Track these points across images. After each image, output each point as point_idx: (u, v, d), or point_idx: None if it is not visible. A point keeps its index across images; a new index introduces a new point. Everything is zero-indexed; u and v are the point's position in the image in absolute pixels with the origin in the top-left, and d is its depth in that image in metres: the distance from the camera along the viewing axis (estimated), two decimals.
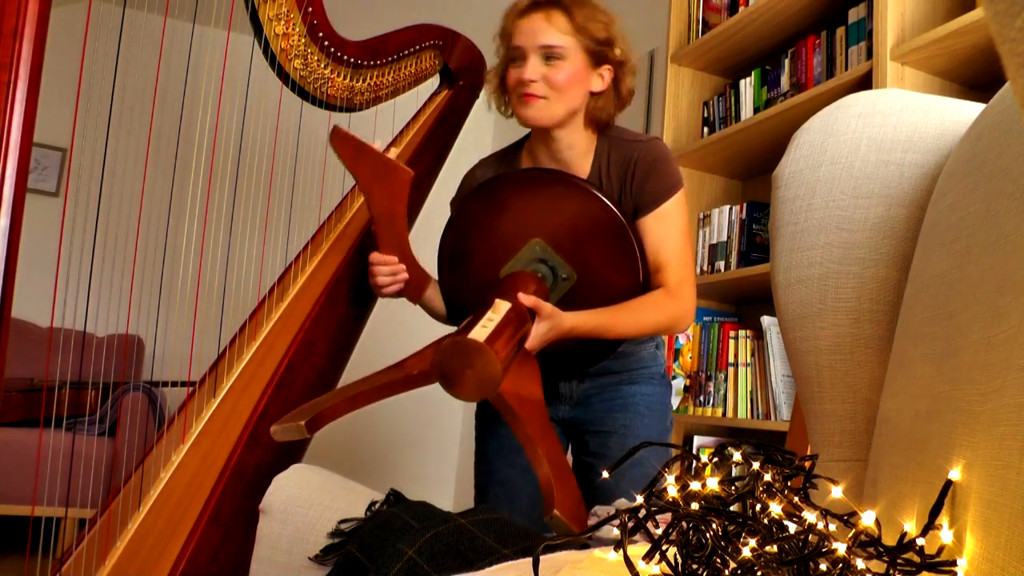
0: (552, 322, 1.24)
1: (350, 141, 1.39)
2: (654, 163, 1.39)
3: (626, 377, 1.50)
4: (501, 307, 1.15)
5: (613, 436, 1.48)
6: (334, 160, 2.17)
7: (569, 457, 1.53)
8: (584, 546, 0.81)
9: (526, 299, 1.22)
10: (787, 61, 2.30)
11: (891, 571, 0.43)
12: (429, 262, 1.66)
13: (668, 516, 0.45)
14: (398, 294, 1.53)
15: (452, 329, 1.18)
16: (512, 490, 1.50)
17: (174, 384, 3.19)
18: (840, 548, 0.41)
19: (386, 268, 1.47)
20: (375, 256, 1.47)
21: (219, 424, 1.51)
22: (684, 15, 2.66)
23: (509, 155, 1.56)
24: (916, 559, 0.44)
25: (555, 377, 1.51)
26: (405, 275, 1.49)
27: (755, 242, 2.32)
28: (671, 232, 1.39)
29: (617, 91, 1.42)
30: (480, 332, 1.08)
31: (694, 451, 2.25)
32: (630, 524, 0.46)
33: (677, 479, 0.48)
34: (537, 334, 1.23)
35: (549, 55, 1.34)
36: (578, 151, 1.43)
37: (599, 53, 1.37)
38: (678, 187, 1.41)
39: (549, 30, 1.33)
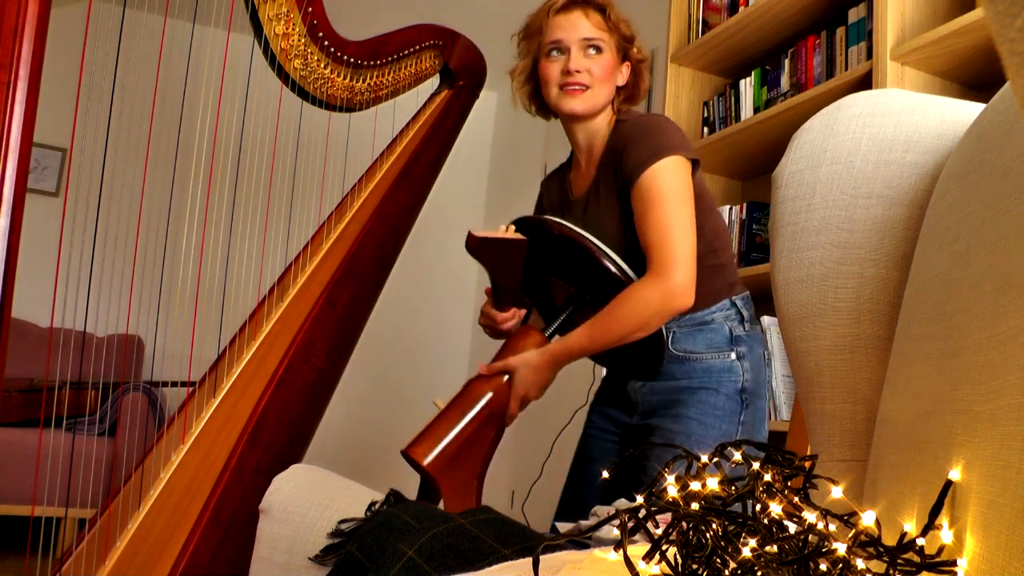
0: (527, 368, 1.34)
1: (487, 242, 1.40)
2: (633, 136, 1.39)
3: (687, 387, 1.40)
4: (438, 407, 1.35)
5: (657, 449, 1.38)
6: (334, 160, 2.17)
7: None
8: (584, 546, 0.81)
9: (484, 368, 1.36)
10: (787, 61, 2.30)
11: (891, 571, 0.43)
12: (426, 260, 1.66)
13: (668, 516, 0.45)
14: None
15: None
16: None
17: (174, 384, 3.19)
18: (840, 548, 0.41)
19: (508, 319, 1.53)
20: (497, 315, 1.51)
21: (219, 424, 1.51)
22: (684, 15, 2.65)
23: (563, 167, 1.61)
24: (916, 559, 0.44)
25: (625, 378, 1.50)
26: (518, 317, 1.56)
27: (755, 242, 2.32)
28: (653, 206, 1.33)
29: (637, 87, 1.50)
30: (409, 440, 1.29)
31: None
32: (630, 524, 0.46)
33: (677, 479, 0.48)
34: (522, 383, 1.34)
35: (591, 48, 1.42)
36: (600, 138, 1.48)
37: (626, 50, 1.46)
38: (660, 155, 1.34)
39: (589, 25, 1.42)
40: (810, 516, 0.45)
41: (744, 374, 1.40)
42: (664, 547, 0.43)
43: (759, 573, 0.40)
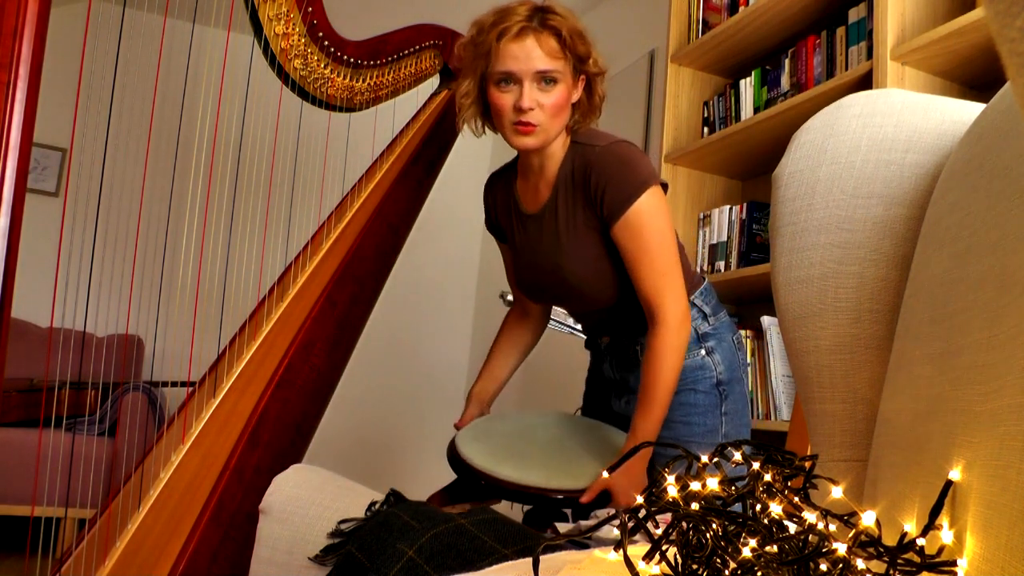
0: (619, 481, 1.28)
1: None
2: (608, 170, 1.33)
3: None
4: None
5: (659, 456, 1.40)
6: (334, 160, 2.17)
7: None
8: (584, 546, 0.81)
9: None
10: (787, 61, 2.30)
11: (891, 571, 0.43)
12: (426, 259, 1.66)
13: (668, 516, 0.45)
14: None
15: None
16: None
17: (174, 384, 3.19)
18: (840, 548, 0.41)
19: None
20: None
21: (219, 424, 1.51)
22: (684, 15, 2.65)
23: (508, 171, 1.53)
24: (916, 559, 0.44)
25: (607, 395, 1.56)
26: None
27: (755, 242, 2.32)
28: (643, 251, 1.32)
29: (592, 101, 1.39)
30: None
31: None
32: (630, 524, 0.46)
33: (677, 479, 0.48)
34: (624, 494, 1.27)
35: (544, 79, 1.31)
36: (554, 160, 1.40)
37: (581, 69, 1.36)
38: (641, 190, 1.31)
39: (543, 55, 1.30)
40: (810, 516, 0.45)
41: (716, 367, 1.43)
42: (664, 547, 0.43)
43: (759, 573, 0.40)
